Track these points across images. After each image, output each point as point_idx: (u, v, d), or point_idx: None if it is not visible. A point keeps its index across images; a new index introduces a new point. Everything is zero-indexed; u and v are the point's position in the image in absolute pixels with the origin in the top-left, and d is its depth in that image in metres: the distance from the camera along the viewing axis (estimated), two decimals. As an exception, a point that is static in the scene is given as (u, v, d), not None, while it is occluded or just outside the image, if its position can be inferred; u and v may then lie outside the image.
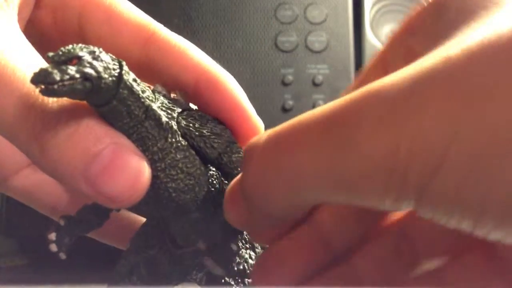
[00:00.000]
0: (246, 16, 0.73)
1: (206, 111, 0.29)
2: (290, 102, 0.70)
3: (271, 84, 0.71)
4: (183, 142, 0.26)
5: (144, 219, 0.33)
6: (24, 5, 0.28)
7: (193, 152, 0.27)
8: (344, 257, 0.25)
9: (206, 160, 0.27)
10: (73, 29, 0.30)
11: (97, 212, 0.29)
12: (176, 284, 0.32)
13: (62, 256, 0.27)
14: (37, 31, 0.30)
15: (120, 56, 0.25)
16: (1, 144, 0.34)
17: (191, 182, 0.26)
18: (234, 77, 0.30)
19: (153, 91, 0.27)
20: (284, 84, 0.71)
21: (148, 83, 0.28)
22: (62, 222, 0.27)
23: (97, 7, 0.30)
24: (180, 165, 0.26)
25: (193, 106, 0.30)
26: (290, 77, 0.71)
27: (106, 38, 0.30)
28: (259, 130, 0.30)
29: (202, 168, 0.27)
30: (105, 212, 0.30)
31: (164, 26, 0.31)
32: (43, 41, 0.30)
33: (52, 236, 0.27)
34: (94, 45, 0.24)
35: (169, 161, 0.26)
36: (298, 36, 0.72)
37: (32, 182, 0.35)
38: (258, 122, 0.30)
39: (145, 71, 0.29)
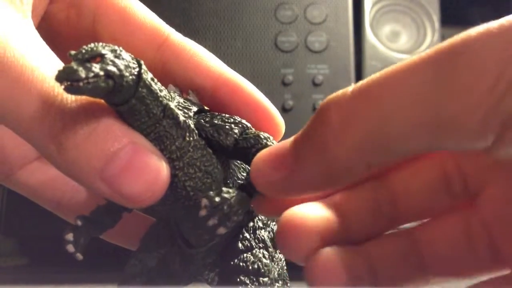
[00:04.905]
0: (246, 16, 0.72)
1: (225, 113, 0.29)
2: (290, 102, 0.70)
3: (271, 84, 0.71)
4: (200, 141, 0.26)
5: (153, 219, 0.33)
6: (39, 1, 0.28)
7: (210, 151, 0.27)
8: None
9: (222, 149, 0.27)
10: (86, 27, 0.30)
11: (110, 213, 0.29)
12: (187, 284, 0.32)
13: (79, 256, 0.27)
14: (49, 26, 0.30)
15: None
16: (6, 139, 0.34)
17: (208, 180, 0.26)
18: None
19: (168, 91, 0.27)
20: (284, 84, 0.71)
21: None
22: (79, 223, 0.27)
23: (112, 7, 0.30)
24: (198, 163, 0.26)
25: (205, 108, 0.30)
26: (290, 77, 0.71)
27: (119, 39, 0.30)
28: (281, 129, 0.30)
29: (219, 166, 0.27)
30: (118, 213, 0.30)
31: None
32: (55, 36, 0.30)
33: (70, 236, 0.26)
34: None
35: (187, 160, 0.26)
36: (298, 36, 0.72)
37: (37, 177, 0.34)
38: (281, 121, 0.30)
39: (159, 75, 0.29)
